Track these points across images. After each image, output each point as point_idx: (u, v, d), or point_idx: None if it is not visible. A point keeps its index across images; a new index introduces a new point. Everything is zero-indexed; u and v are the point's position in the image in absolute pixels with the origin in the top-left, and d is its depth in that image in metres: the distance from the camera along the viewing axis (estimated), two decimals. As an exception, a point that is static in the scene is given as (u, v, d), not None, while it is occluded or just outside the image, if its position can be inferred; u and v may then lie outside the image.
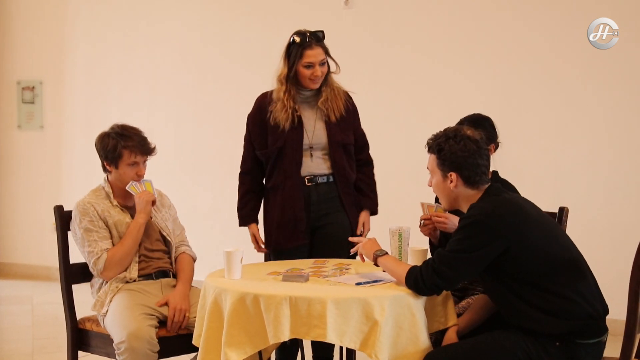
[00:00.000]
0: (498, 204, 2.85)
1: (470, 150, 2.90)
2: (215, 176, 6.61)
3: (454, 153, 2.89)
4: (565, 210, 3.48)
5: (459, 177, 2.90)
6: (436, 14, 5.77)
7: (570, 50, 5.42)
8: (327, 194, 3.79)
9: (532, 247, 2.78)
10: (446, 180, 2.93)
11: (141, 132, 3.62)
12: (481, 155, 2.92)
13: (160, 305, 3.43)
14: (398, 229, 3.30)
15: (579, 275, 2.83)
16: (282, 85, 3.73)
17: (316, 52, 3.68)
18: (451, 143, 2.91)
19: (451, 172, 2.91)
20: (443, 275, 2.80)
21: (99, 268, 3.47)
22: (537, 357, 2.77)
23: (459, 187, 2.92)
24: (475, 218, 2.80)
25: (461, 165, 2.89)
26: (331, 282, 3.03)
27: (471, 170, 2.90)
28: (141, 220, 3.53)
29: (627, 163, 5.34)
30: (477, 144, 2.92)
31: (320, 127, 3.78)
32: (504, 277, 2.81)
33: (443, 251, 2.84)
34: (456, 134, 2.92)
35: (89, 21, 7.11)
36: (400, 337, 2.81)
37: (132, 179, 3.56)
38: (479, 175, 2.91)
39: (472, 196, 2.92)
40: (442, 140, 2.93)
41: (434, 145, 2.96)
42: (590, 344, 2.79)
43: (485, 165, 2.94)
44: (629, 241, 5.20)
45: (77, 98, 7.18)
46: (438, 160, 2.94)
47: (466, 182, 2.91)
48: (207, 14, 6.62)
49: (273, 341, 2.77)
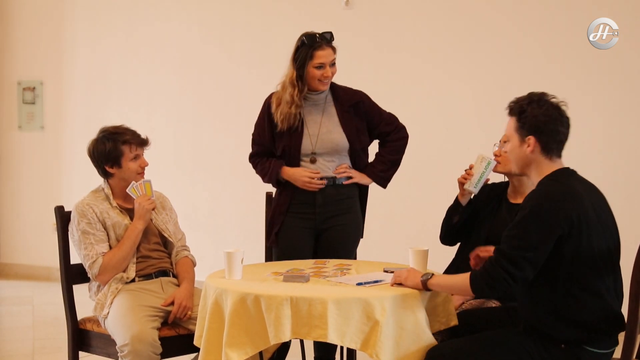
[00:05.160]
0: (562, 190, 2.77)
1: (552, 115, 2.83)
2: (215, 176, 6.61)
3: (536, 116, 2.82)
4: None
5: (537, 141, 2.83)
6: (436, 14, 5.77)
7: (570, 50, 5.42)
8: (334, 196, 3.78)
9: (578, 245, 2.73)
10: (523, 145, 2.85)
11: (130, 127, 3.65)
12: (562, 122, 2.85)
13: (166, 305, 3.44)
14: (488, 158, 3.35)
15: (609, 270, 2.81)
16: (293, 89, 3.71)
17: (327, 53, 3.69)
18: (534, 106, 2.84)
19: (530, 136, 2.83)
20: (513, 275, 2.71)
21: (94, 272, 3.48)
22: (538, 356, 2.76)
23: (535, 152, 2.84)
24: (531, 208, 2.73)
25: (541, 129, 2.82)
26: (332, 283, 3.04)
27: (550, 136, 2.83)
28: (140, 226, 3.54)
29: (627, 163, 5.34)
30: (559, 111, 2.85)
31: (330, 129, 3.78)
32: (545, 269, 2.75)
33: (506, 249, 2.73)
34: (540, 98, 2.86)
35: (89, 22, 7.11)
36: (403, 337, 2.81)
37: (137, 172, 3.57)
38: (557, 143, 2.84)
39: (545, 168, 2.85)
40: (525, 102, 2.86)
41: (515, 108, 2.89)
42: (597, 353, 2.77)
43: (565, 133, 2.85)
44: (629, 242, 5.21)
45: (77, 98, 7.18)
46: (518, 122, 2.86)
47: (543, 149, 2.84)
48: (207, 14, 6.62)
49: (274, 341, 2.77)
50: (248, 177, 4.66)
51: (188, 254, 3.72)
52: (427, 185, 5.71)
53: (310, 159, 3.77)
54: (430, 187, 5.69)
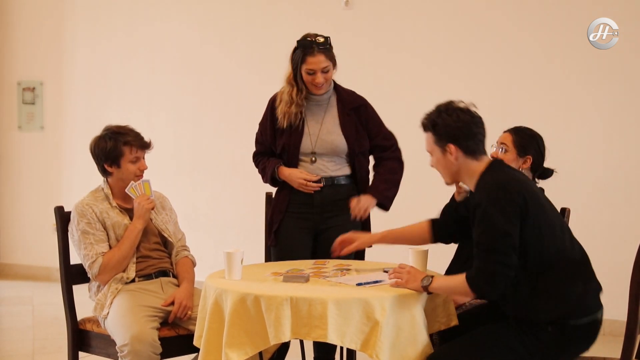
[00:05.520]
0: (505, 178, 2.83)
1: (464, 120, 2.90)
2: (215, 177, 6.62)
3: (449, 125, 2.90)
4: (566, 211, 3.48)
5: (458, 148, 2.90)
6: (436, 14, 5.77)
7: (570, 50, 5.43)
8: (332, 196, 3.77)
9: (536, 218, 2.77)
10: (446, 154, 2.92)
11: (134, 129, 3.64)
12: (476, 123, 2.92)
13: (166, 305, 3.44)
14: None
15: (569, 236, 2.89)
16: (292, 88, 3.72)
17: (317, 60, 3.64)
18: (444, 116, 2.92)
19: (449, 144, 2.91)
20: (506, 264, 2.72)
21: (93, 272, 3.48)
22: (530, 345, 2.77)
23: (459, 158, 2.91)
24: (487, 202, 2.77)
25: (457, 135, 2.89)
26: (332, 283, 3.04)
27: (468, 139, 2.90)
28: (139, 226, 3.54)
29: (627, 163, 5.34)
30: (470, 114, 2.92)
31: (330, 130, 3.77)
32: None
33: (487, 245, 2.75)
34: (448, 107, 2.93)
35: (89, 22, 7.11)
36: (400, 337, 2.81)
37: (135, 174, 3.57)
38: (477, 144, 2.92)
39: (475, 168, 2.91)
40: (435, 115, 2.94)
41: (428, 123, 2.97)
42: (584, 324, 2.79)
43: (482, 133, 2.94)
44: (629, 242, 5.21)
45: (77, 99, 7.19)
46: (434, 136, 2.94)
47: (465, 152, 2.91)
48: (206, 14, 6.62)
49: (274, 342, 2.77)
50: (248, 178, 4.67)
51: (188, 254, 3.72)
52: (426, 185, 5.69)
53: (310, 158, 3.76)
54: (430, 187, 5.66)
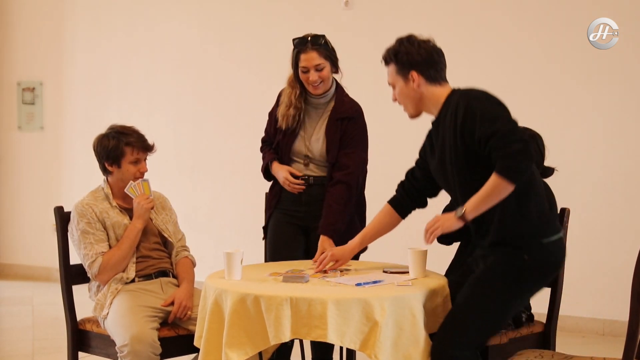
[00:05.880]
0: (474, 88, 2.93)
1: (426, 48, 2.96)
2: (215, 177, 6.62)
3: (410, 53, 2.96)
4: (566, 211, 3.48)
5: (420, 74, 2.95)
6: (436, 14, 5.77)
7: (570, 50, 5.42)
8: (320, 196, 3.74)
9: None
10: (408, 83, 2.98)
11: (139, 130, 3.64)
12: (437, 52, 2.98)
13: (166, 305, 3.44)
14: None
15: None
16: (292, 89, 3.73)
17: (310, 57, 3.64)
18: (406, 45, 2.98)
19: (412, 71, 2.96)
20: (524, 139, 2.75)
21: (93, 271, 3.48)
22: (512, 275, 2.82)
23: (422, 85, 2.97)
24: (477, 102, 2.84)
25: (420, 62, 2.95)
26: (331, 283, 3.04)
27: (430, 66, 2.96)
28: (139, 225, 3.54)
29: (627, 163, 5.34)
30: (431, 44, 2.99)
31: (319, 137, 3.75)
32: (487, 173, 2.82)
33: (500, 129, 2.75)
34: (409, 38, 3.00)
35: (89, 22, 7.12)
36: (401, 338, 2.81)
37: (135, 176, 3.57)
38: (438, 71, 2.98)
39: (439, 93, 2.98)
40: (396, 46, 3.00)
41: (389, 54, 3.02)
42: (553, 241, 2.87)
43: (443, 62, 2.99)
44: (629, 242, 5.22)
45: (77, 99, 7.19)
46: (397, 65, 3.00)
47: (427, 79, 2.96)
48: (206, 14, 6.62)
49: (274, 342, 2.77)
50: (248, 178, 4.67)
51: (188, 254, 3.72)
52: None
53: (304, 161, 3.77)
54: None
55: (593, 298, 5.40)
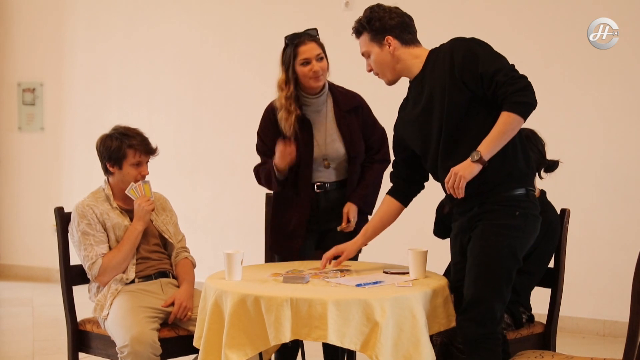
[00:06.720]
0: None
1: (398, 13, 3.04)
2: (215, 178, 6.62)
3: (383, 18, 3.01)
4: (567, 212, 3.48)
5: (396, 38, 3.01)
6: (436, 15, 5.77)
7: (570, 50, 5.42)
8: (338, 200, 3.72)
9: None
10: (384, 48, 3.02)
11: (143, 133, 3.64)
12: (408, 17, 3.06)
13: (166, 306, 3.44)
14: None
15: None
16: (282, 91, 3.62)
17: (310, 47, 3.61)
18: (377, 11, 3.04)
19: (387, 36, 3.01)
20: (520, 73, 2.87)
21: (93, 273, 3.48)
22: (509, 231, 2.86)
23: (398, 49, 3.01)
24: (468, 45, 2.93)
25: (394, 26, 3.01)
26: (332, 284, 3.03)
27: (403, 30, 3.02)
28: (139, 227, 3.54)
29: (627, 163, 5.34)
30: (401, 10, 3.06)
31: (333, 137, 3.70)
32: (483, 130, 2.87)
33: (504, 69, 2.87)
34: (379, 6, 3.06)
35: (89, 23, 7.12)
36: (402, 338, 2.81)
37: (136, 179, 3.57)
38: (411, 35, 3.04)
39: (417, 53, 3.03)
40: (367, 14, 3.06)
41: (361, 23, 3.07)
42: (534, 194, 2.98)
43: (413, 26, 3.06)
44: (629, 242, 5.22)
45: (77, 100, 7.19)
46: (370, 32, 3.05)
47: (403, 43, 3.02)
48: (206, 15, 6.62)
49: (274, 342, 2.77)
50: (248, 179, 4.64)
51: (188, 255, 3.72)
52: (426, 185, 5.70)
53: (324, 164, 3.72)
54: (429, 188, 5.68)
55: (593, 299, 5.40)
